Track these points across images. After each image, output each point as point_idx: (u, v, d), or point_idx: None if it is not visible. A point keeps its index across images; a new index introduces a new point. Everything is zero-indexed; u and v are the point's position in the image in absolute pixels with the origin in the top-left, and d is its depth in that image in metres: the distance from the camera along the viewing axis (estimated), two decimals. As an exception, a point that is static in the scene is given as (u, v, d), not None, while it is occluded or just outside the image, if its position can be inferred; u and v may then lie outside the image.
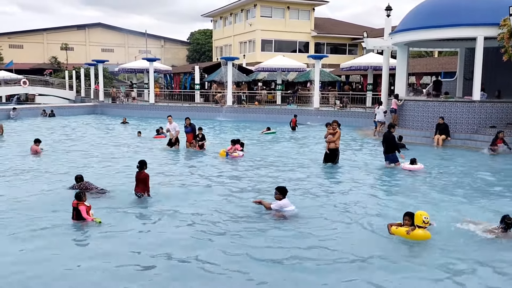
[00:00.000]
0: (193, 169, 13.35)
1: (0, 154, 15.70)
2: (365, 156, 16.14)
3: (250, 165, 14.02)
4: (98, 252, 6.77)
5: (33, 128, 25.27)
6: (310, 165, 13.88)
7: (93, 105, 39.01)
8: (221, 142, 19.46)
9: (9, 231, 7.62)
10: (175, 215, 8.67)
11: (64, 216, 8.29)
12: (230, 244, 7.13)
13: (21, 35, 66.42)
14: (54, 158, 15.07)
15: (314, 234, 7.63)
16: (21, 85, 45.99)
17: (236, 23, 54.46)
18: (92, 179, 10.79)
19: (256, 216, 8.61)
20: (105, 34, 70.48)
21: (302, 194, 10.32)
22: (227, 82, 33.23)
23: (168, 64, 57.42)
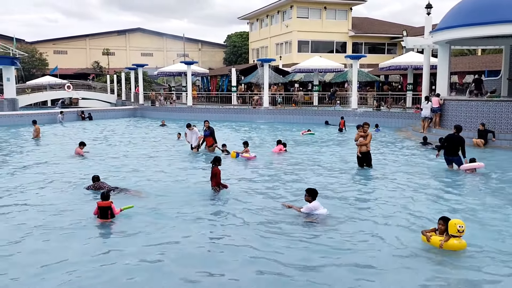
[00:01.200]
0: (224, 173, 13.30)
1: (44, 157, 16.33)
2: (404, 158, 15.72)
3: (286, 167, 13.96)
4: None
5: (74, 131, 26.14)
6: (346, 168, 13.56)
7: (133, 108, 39.99)
8: (256, 145, 19.50)
9: (56, 232, 7.90)
10: (198, 217, 8.70)
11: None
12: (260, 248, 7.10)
13: (65, 41, 69.01)
14: (96, 160, 15.54)
15: (348, 241, 7.40)
16: (65, 89, 47.73)
17: (272, 25, 54.52)
18: (129, 180, 11.11)
19: (289, 221, 8.49)
20: (144, 38, 72.18)
21: (337, 198, 10.08)
22: (264, 83, 33.32)
23: (205, 67, 58.15)
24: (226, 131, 25.93)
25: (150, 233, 7.74)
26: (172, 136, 22.67)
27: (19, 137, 23.23)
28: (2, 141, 21.22)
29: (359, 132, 13.27)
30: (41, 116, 32.23)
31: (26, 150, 18.40)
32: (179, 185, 11.49)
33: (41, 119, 31.41)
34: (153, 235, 7.65)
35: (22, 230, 7.89)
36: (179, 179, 12.22)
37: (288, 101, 35.12)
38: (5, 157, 16.32)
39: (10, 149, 18.72)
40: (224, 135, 24.11)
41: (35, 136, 21.93)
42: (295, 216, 8.64)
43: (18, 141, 21.56)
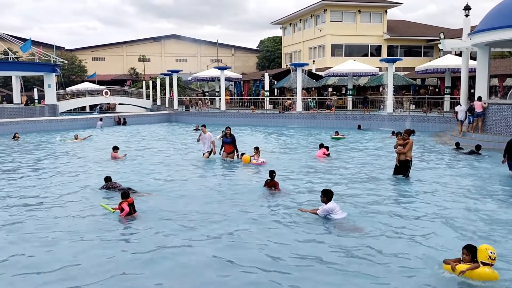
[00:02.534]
0: (247, 177, 13.30)
1: (81, 160, 16.82)
2: (442, 164, 15.19)
3: (316, 173, 13.79)
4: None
5: (111, 136, 26.78)
6: (379, 177, 12.95)
7: (167, 113, 40.64)
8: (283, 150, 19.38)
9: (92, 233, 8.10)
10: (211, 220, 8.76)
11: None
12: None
13: (102, 49, 71.04)
14: (130, 163, 15.86)
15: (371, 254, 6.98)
16: (103, 95, 49.08)
17: (305, 29, 54.32)
18: (149, 182, 11.85)
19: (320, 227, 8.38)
20: (179, 45, 73.37)
21: (363, 207, 9.65)
22: (297, 88, 33.19)
23: (238, 72, 58.51)
24: (258, 136, 25.95)
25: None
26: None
27: (57, 142, 23.98)
28: (44, 145, 22.02)
29: (398, 140, 12.78)
30: (80, 122, 33.32)
31: (66, 153, 19.02)
32: (194, 188, 11.78)
33: (80, 124, 32.51)
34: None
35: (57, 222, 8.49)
36: (198, 182, 12.48)
37: (322, 106, 34.82)
38: (45, 160, 16.90)
39: (51, 152, 19.39)
40: (256, 139, 24.15)
41: (76, 138, 23.39)
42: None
43: (58, 145, 22.29)
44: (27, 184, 12.60)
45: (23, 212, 9.55)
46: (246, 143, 21.83)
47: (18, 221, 8.82)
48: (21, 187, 12.14)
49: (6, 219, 9.00)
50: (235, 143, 16.04)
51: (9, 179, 13.36)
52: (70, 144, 22.40)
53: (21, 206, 10.08)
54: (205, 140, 16.21)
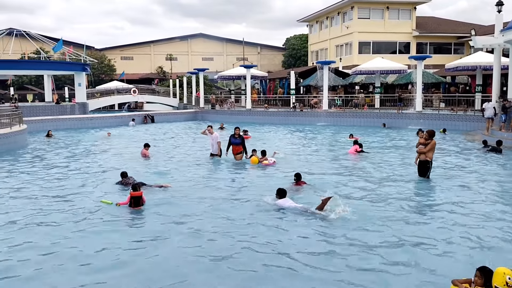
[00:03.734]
0: (261, 179, 13.18)
1: (112, 157, 17.18)
2: (468, 165, 14.56)
3: (344, 170, 13.63)
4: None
5: (140, 134, 27.19)
6: (402, 177, 12.49)
7: (194, 111, 40.98)
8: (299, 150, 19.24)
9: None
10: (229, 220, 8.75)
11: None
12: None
13: (131, 48, 72.17)
14: (158, 160, 16.09)
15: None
16: (131, 94, 49.87)
17: (332, 27, 53.80)
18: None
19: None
20: (206, 43, 73.84)
21: (377, 207, 9.37)
22: (323, 86, 32.96)
23: (264, 70, 58.46)
24: (283, 134, 25.89)
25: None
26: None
27: (90, 139, 24.60)
28: (75, 142, 22.61)
29: (420, 139, 12.33)
30: (109, 120, 34.02)
31: (97, 150, 19.47)
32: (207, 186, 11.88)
33: (109, 122, 33.19)
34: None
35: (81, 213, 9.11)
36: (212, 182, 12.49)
37: (348, 104, 34.44)
38: (76, 156, 17.35)
39: (82, 148, 19.95)
40: (281, 138, 24.12)
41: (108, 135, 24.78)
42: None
43: (89, 141, 22.86)
44: (57, 178, 13.06)
45: (52, 203, 9.94)
46: (267, 141, 21.85)
47: (42, 212, 9.18)
48: (50, 181, 12.59)
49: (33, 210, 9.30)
50: (244, 143, 15.57)
51: (41, 174, 13.80)
52: (101, 140, 22.98)
53: (49, 197, 10.58)
54: (213, 141, 15.86)
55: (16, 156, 17.63)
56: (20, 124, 22.04)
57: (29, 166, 15.51)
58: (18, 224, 8.56)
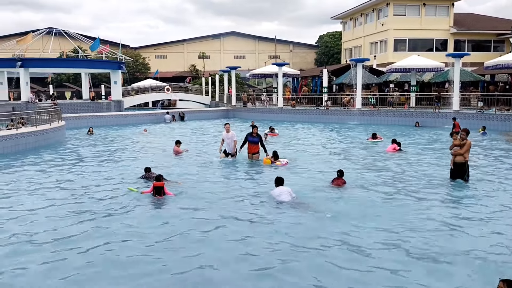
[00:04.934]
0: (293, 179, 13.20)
1: (146, 153, 17.49)
2: (505, 167, 13.95)
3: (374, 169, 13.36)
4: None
5: (174, 131, 27.55)
6: (435, 180, 11.99)
7: (226, 109, 41.19)
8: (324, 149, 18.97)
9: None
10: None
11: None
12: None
13: (164, 46, 73.21)
14: (186, 157, 16.26)
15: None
16: (164, 91, 50.59)
17: (366, 24, 52.96)
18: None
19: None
20: (238, 41, 74.09)
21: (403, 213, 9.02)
22: (357, 84, 32.48)
23: (296, 68, 58.15)
24: (315, 132, 25.67)
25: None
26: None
27: (127, 135, 25.19)
28: (111, 138, 23.18)
29: (455, 141, 11.78)
30: (143, 117, 34.63)
31: (132, 145, 19.92)
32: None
33: (143, 120, 33.80)
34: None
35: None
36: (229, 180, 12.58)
37: (383, 103, 33.82)
38: (114, 152, 17.80)
39: (120, 145, 20.52)
40: (313, 136, 23.93)
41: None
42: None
43: (127, 138, 23.40)
44: (92, 170, 13.70)
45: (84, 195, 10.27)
46: (299, 139, 21.70)
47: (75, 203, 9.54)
48: (85, 173, 13.27)
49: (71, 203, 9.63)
50: (262, 142, 15.15)
51: (76, 167, 14.41)
52: (138, 137, 23.76)
53: (84, 187, 11.18)
54: (229, 140, 15.27)
55: (55, 151, 18.23)
56: (59, 121, 22.71)
57: (67, 160, 16.05)
58: (59, 210, 9.30)
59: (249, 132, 15.28)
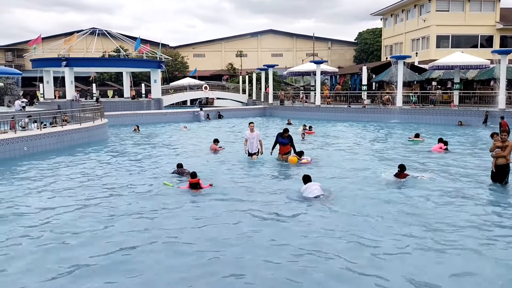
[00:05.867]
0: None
1: (184, 151, 17.74)
2: None
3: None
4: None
5: (209, 129, 27.80)
6: (475, 183, 11.37)
7: (263, 107, 41.20)
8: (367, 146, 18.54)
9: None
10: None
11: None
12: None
13: (202, 45, 74.02)
14: (224, 154, 16.40)
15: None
16: (202, 90, 51.15)
17: (408, 20, 51.64)
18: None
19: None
20: (275, 39, 73.94)
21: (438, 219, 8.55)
22: (397, 82, 31.74)
23: (335, 66, 57.45)
24: (356, 131, 25.25)
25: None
26: (296, 136, 22.58)
27: (165, 132, 25.63)
28: (152, 135, 23.70)
29: (496, 142, 11.17)
30: (181, 115, 35.14)
31: (172, 142, 20.28)
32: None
33: (181, 117, 34.30)
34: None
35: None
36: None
37: (425, 101, 32.88)
38: (155, 148, 18.21)
39: (159, 141, 20.99)
40: (350, 134, 23.57)
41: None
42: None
43: (168, 136, 23.85)
44: (132, 166, 14.26)
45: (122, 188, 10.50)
46: (333, 138, 21.38)
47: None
48: (125, 168, 13.75)
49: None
50: (293, 143, 14.82)
51: (117, 163, 14.93)
52: (178, 134, 24.36)
53: (123, 181, 11.23)
54: (253, 139, 14.83)
55: (98, 148, 18.78)
56: (102, 119, 23.35)
57: (108, 156, 16.60)
58: (102, 203, 9.76)
59: (279, 133, 14.99)
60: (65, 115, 22.32)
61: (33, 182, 11.99)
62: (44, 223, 8.39)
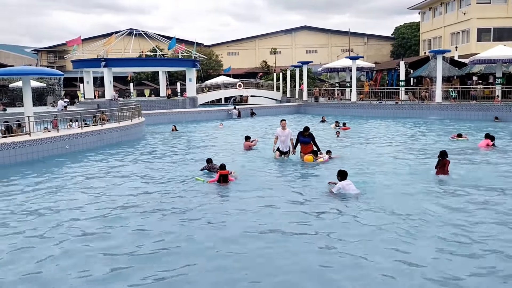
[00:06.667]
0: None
1: (219, 148, 17.87)
2: None
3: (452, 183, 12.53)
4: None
5: (246, 126, 27.88)
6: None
7: (297, 104, 40.99)
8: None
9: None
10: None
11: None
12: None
13: (236, 43, 74.37)
14: (255, 151, 16.41)
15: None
16: (236, 88, 51.40)
17: (447, 13, 50.07)
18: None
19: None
20: (310, 36, 73.39)
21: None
22: (436, 77, 30.87)
23: (371, 61, 56.48)
24: (394, 128, 24.74)
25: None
26: (330, 133, 22.27)
27: (200, 130, 25.96)
28: (188, 133, 24.04)
29: None
30: (216, 113, 35.43)
31: (207, 139, 20.56)
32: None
33: (216, 115, 34.60)
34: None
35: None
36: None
37: (465, 96, 31.82)
38: (189, 145, 18.47)
39: (196, 139, 21.26)
40: (387, 131, 23.10)
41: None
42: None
43: (199, 133, 24.16)
44: (168, 162, 14.66)
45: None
46: (373, 136, 20.98)
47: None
48: (160, 164, 14.27)
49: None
50: (315, 142, 14.23)
51: (153, 160, 15.16)
52: (213, 131, 24.85)
53: (158, 177, 11.45)
54: (284, 137, 14.28)
55: (135, 145, 19.22)
56: (139, 117, 23.85)
57: (145, 153, 16.97)
58: (140, 196, 10.15)
59: (300, 131, 14.36)
60: (103, 114, 22.94)
61: (73, 179, 12.42)
62: (88, 217, 8.70)
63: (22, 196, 10.48)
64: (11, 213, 9.02)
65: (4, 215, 8.89)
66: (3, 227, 8.19)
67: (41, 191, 10.93)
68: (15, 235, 7.70)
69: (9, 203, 9.75)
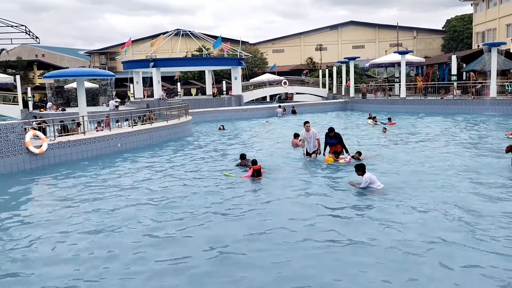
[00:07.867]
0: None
1: (263, 144, 17.97)
2: None
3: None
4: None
5: (287, 124, 27.79)
6: None
7: (343, 101, 40.38)
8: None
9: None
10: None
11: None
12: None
13: (281, 41, 74.19)
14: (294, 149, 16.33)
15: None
16: (281, 85, 51.29)
17: (502, 4, 47.62)
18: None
19: None
20: (356, 31, 72.05)
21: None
22: (491, 71, 29.46)
23: (421, 56, 54.70)
24: (440, 124, 23.88)
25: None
26: (377, 130, 21.78)
27: (247, 128, 26.24)
28: (234, 131, 24.37)
29: None
30: (261, 111, 35.55)
31: (252, 136, 20.71)
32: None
33: (261, 113, 34.73)
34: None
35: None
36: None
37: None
38: (236, 142, 18.66)
39: (242, 136, 21.68)
40: (437, 127, 22.34)
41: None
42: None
43: (245, 131, 24.45)
44: (212, 159, 14.77)
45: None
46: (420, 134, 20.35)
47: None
48: (204, 160, 14.32)
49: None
50: (343, 142, 14.00)
51: (198, 156, 15.87)
52: (259, 128, 25.23)
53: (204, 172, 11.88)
54: (310, 139, 14.35)
55: (183, 143, 19.80)
56: (187, 116, 24.36)
57: (192, 150, 17.52)
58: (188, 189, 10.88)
59: (326, 133, 14.13)
60: (151, 113, 23.60)
61: (125, 175, 13.01)
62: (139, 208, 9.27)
63: (89, 190, 11.20)
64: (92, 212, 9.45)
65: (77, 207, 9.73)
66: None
67: (107, 187, 11.60)
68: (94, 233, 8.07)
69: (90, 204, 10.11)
